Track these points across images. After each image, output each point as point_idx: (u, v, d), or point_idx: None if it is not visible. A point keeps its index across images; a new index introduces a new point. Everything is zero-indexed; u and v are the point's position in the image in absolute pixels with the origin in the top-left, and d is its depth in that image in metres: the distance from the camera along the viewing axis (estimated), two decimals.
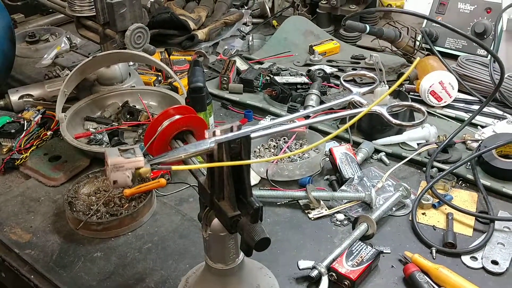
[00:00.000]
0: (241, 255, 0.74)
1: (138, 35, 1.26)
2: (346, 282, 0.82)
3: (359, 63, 1.57)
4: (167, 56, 1.60)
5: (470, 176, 1.06)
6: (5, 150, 1.20)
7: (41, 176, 1.13)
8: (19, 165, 1.16)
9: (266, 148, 1.16)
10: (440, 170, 1.08)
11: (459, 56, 1.43)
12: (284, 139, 1.18)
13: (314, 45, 1.62)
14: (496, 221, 0.95)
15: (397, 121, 0.69)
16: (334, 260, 0.86)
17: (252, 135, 0.61)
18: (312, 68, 1.49)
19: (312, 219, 0.99)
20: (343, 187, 1.04)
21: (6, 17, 1.43)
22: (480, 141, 1.13)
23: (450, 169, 1.05)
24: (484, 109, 1.20)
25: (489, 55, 1.39)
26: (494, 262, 0.87)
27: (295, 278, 0.86)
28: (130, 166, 0.51)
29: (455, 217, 0.97)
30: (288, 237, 0.95)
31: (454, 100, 1.32)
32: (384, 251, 0.90)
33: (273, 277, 0.84)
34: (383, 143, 1.17)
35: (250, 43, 1.70)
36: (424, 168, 1.10)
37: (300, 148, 1.15)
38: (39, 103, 1.35)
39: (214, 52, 1.68)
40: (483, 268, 0.87)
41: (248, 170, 0.62)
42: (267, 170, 1.06)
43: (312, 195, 0.99)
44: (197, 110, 0.98)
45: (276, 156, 1.12)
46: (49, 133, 1.23)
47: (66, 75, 1.30)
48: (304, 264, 0.85)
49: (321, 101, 1.30)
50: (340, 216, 0.98)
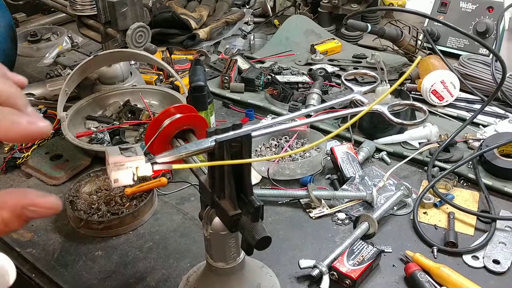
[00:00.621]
0: (242, 254, 0.74)
1: (140, 34, 1.26)
2: (347, 281, 0.82)
3: (360, 62, 1.57)
4: (169, 55, 1.59)
5: (472, 176, 1.06)
6: (6, 149, 1.20)
7: (42, 175, 1.13)
8: (20, 164, 1.16)
9: (267, 147, 1.16)
10: (442, 169, 1.08)
11: (460, 55, 1.43)
12: (285, 138, 1.18)
13: (316, 44, 1.62)
14: (497, 221, 0.95)
15: (399, 120, 0.69)
16: (335, 259, 0.85)
17: (253, 133, 0.61)
18: (314, 67, 1.49)
19: (313, 218, 0.99)
20: (344, 186, 1.04)
21: (8, 16, 1.43)
22: (482, 140, 1.13)
23: (451, 168, 1.05)
24: (486, 108, 1.20)
25: (491, 54, 1.39)
26: (496, 262, 0.87)
27: (296, 277, 0.86)
28: (131, 164, 0.51)
29: (456, 216, 0.97)
30: (289, 236, 0.95)
31: (455, 99, 1.31)
32: (385, 250, 0.90)
33: (274, 276, 0.84)
34: (385, 142, 1.17)
35: (251, 42, 1.70)
36: (426, 167, 1.09)
37: (301, 147, 1.15)
38: (40, 102, 1.35)
39: (216, 51, 1.68)
40: (485, 267, 0.87)
41: (249, 169, 0.62)
42: (268, 169, 1.06)
43: (313, 194, 0.99)
44: (198, 109, 0.98)
45: (277, 155, 1.12)
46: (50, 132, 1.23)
47: (68, 74, 1.30)
48: (305, 263, 0.85)
49: (323, 100, 1.30)
50: (341, 215, 0.98)
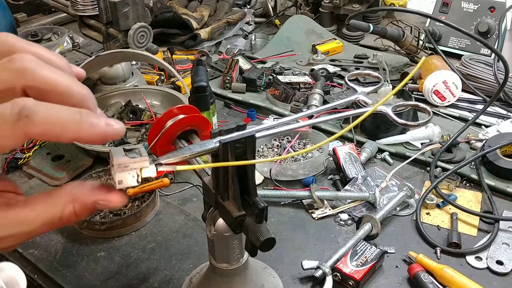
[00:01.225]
0: (246, 255, 0.74)
1: (141, 34, 1.26)
2: (350, 282, 0.82)
3: (362, 62, 1.56)
4: (170, 55, 1.59)
5: (474, 176, 1.06)
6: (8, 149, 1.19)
7: (44, 176, 1.13)
8: (22, 165, 1.16)
9: (269, 148, 1.16)
10: (444, 169, 1.08)
11: (462, 55, 1.42)
12: (287, 138, 1.17)
13: (317, 45, 1.62)
14: (500, 221, 0.94)
15: (402, 121, 0.69)
16: (338, 260, 0.85)
17: (257, 135, 0.60)
18: (315, 67, 1.48)
19: (316, 218, 0.98)
20: (346, 187, 1.04)
21: (9, 16, 1.43)
22: (484, 141, 1.12)
23: (454, 168, 1.05)
24: (488, 109, 1.20)
25: (493, 54, 1.39)
26: (499, 262, 0.87)
27: (299, 278, 0.86)
28: (135, 166, 0.51)
29: (459, 217, 0.97)
30: (292, 237, 0.95)
31: (457, 99, 1.31)
32: (389, 251, 0.90)
33: (277, 277, 0.84)
34: (387, 143, 1.17)
35: (252, 42, 1.70)
36: (428, 168, 1.09)
37: (304, 148, 1.14)
38: None
39: (217, 52, 1.68)
40: (488, 268, 0.87)
41: (253, 170, 0.61)
42: (270, 170, 1.06)
43: (316, 194, 0.99)
44: (200, 109, 0.98)
45: (280, 155, 1.12)
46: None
47: None
48: (308, 264, 0.85)
49: (324, 101, 1.30)
50: (344, 216, 0.98)
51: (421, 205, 0.99)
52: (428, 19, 1.61)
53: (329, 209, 1.00)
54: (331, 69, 1.49)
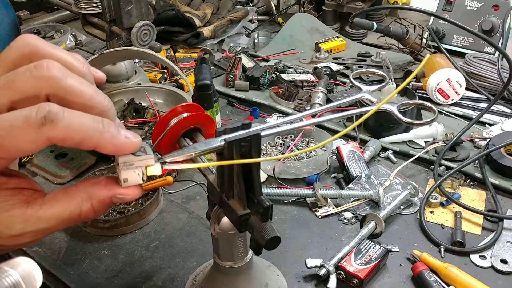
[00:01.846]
0: (250, 253, 0.74)
1: (145, 32, 1.26)
2: (354, 281, 0.82)
3: (365, 60, 1.56)
4: (173, 53, 1.59)
5: (478, 175, 1.06)
6: None
7: (47, 174, 1.13)
8: (25, 163, 1.16)
9: (272, 146, 1.16)
10: (448, 168, 1.07)
11: (466, 53, 1.42)
12: (290, 136, 1.17)
13: (320, 43, 1.62)
14: (505, 220, 0.94)
15: (407, 120, 0.69)
16: (342, 258, 0.85)
17: (262, 133, 0.60)
18: (318, 65, 1.48)
19: (320, 217, 0.98)
20: (350, 185, 1.03)
21: (12, 14, 1.43)
22: (488, 139, 1.12)
23: (458, 167, 1.05)
24: (492, 107, 1.19)
25: (497, 53, 1.39)
26: (503, 261, 0.87)
27: (303, 276, 0.86)
28: (140, 164, 0.51)
29: (463, 216, 0.96)
30: (295, 235, 0.95)
31: (461, 98, 1.31)
32: (392, 249, 0.90)
33: (281, 275, 0.84)
34: (390, 141, 1.17)
35: (255, 40, 1.69)
36: (432, 166, 1.09)
37: (307, 146, 1.14)
38: None
39: (220, 50, 1.68)
40: (492, 267, 0.86)
41: (258, 169, 0.61)
42: (274, 168, 1.06)
43: (320, 193, 0.99)
44: (204, 107, 0.98)
45: (283, 153, 1.12)
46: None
47: None
48: (312, 262, 0.85)
49: (328, 99, 1.30)
50: (348, 214, 0.98)
51: (425, 203, 0.99)
52: (432, 17, 1.60)
53: (333, 208, 1.00)
54: (334, 67, 1.49)
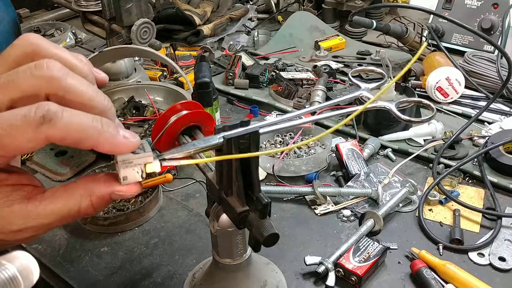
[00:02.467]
0: (249, 250, 0.74)
1: (144, 30, 1.26)
2: (353, 278, 0.82)
3: (365, 58, 1.56)
4: (172, 51, 1.59)
5: (477, 173, 1.06)
6: None
7: (47, 171, 1.13)
8: (25, 160, 1.16)
9: (272, 144, 1.16)
10: (447, 166, 1.08)
11: (465, 52, 1.42)
12: (290, 134, 1.18)
13: (320, 41, 1.62)
14: (503, 218, 0.95)
15: (406, 117, 0.69)
16: (341, 256, 0.85)
17: (260, 130, 0.60)
18: (318, 63, 1.48)
19: (319, 214, 0.99)
20: (349, 183, 1.04)
21: (12, 11, 1.43)
22: (487, 138, 1.12)
23: (457, 165, 1.05)
24: (491, 105, 1.20)
25: (496, 51, 1.39)
26: (502, 259, 0.87)
27: (301, 273, 0.86)
28: (139, 162, 0.51)
29: (462, 214, 0.97)
30: (294, 232, 0.95)
31: (460, 96, 1.31)
32: (391, 247, 0.90)
33: (280, 272, 0.84)
34: (389, 139, 1.17)
35: (255, 38, 1.69)
36: (431, 164, 1.09)
37: (306, 141, 1.14)
38: None
39: (219, 48, 1.68)
40: (490, 264, 0.87)
41: (256, 166, 0.62)
42: (273, 166, 1.06)
43: (319, 191, 0.99)
44: (203, 105, 0.98)
45: (284, 147, 1.12)
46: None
47: None
48: (311, 259, 0.85)
49: (327, 97, 1.30)
50: (347, 212, 0.98)
51: (424, 201, 0.99)
52: (431, 16, 1.60)
53: (332, 205, 1.00)
54: (334, 65, 1.49)
